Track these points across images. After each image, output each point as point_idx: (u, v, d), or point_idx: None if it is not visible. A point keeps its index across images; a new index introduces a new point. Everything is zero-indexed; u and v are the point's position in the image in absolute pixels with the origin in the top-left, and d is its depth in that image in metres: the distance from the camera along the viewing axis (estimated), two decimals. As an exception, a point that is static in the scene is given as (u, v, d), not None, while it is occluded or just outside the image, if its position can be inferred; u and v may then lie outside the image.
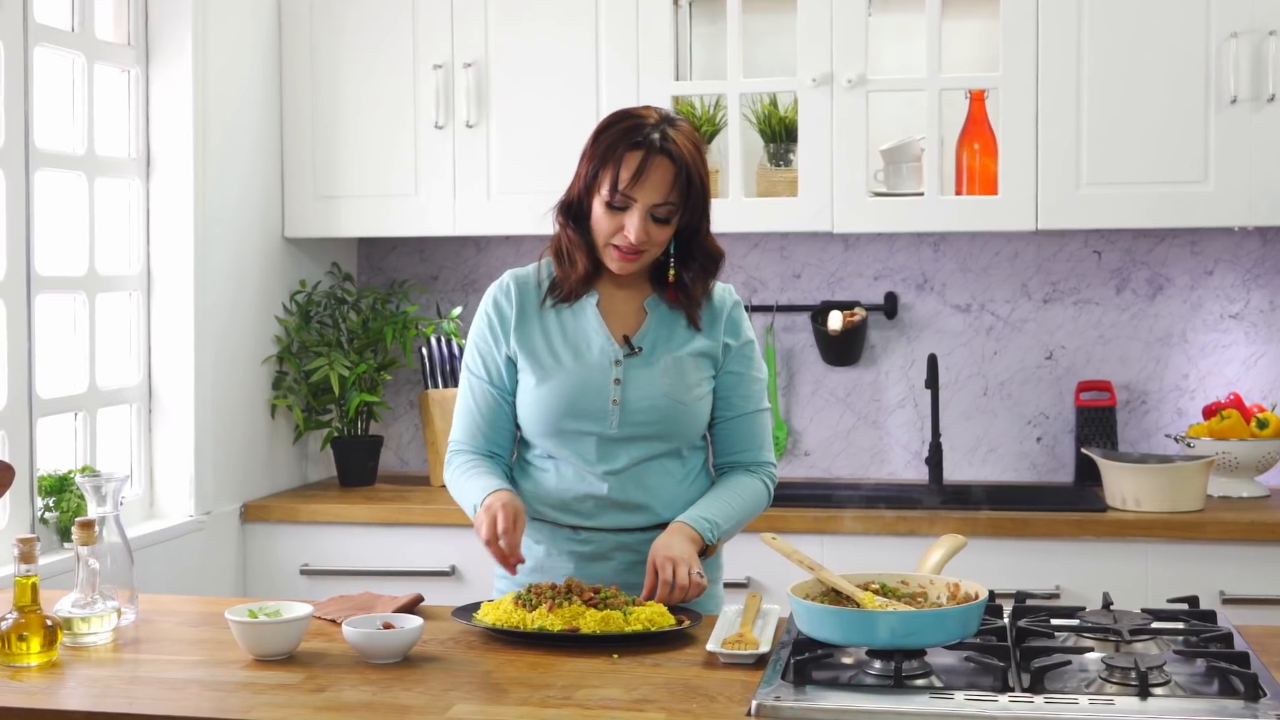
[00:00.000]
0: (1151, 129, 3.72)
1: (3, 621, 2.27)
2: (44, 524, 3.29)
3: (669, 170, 2.51)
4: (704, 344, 2.64)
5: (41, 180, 3.32)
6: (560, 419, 2.60)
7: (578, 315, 2.64)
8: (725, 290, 2.70)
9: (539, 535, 2.67)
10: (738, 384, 2.67)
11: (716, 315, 2.67)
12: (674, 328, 2.64)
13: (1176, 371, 4.12)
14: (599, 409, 2.58)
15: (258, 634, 2.26)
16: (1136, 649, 2.17)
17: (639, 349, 2.61)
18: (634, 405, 2.58)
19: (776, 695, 1.98)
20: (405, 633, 2.26)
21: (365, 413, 4.19)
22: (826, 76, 3.83)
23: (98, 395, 3.56)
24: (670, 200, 2.52)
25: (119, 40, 3.67)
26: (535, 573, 2.64)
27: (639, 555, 2.61)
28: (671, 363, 2.61)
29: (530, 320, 2.64)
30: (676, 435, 2.62)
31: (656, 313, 2.64)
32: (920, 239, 4.22)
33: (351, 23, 4.09)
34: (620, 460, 2.60)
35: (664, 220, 2.54)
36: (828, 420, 4.28)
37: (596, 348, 2.61)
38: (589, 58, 3.95)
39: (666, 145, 2.51)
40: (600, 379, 2.59)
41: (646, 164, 2.50)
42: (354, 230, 4.16)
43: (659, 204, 2.52)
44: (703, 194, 2.56)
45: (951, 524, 3.52)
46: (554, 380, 2.60)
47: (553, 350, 2.62)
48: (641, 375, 2.59)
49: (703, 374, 2.63)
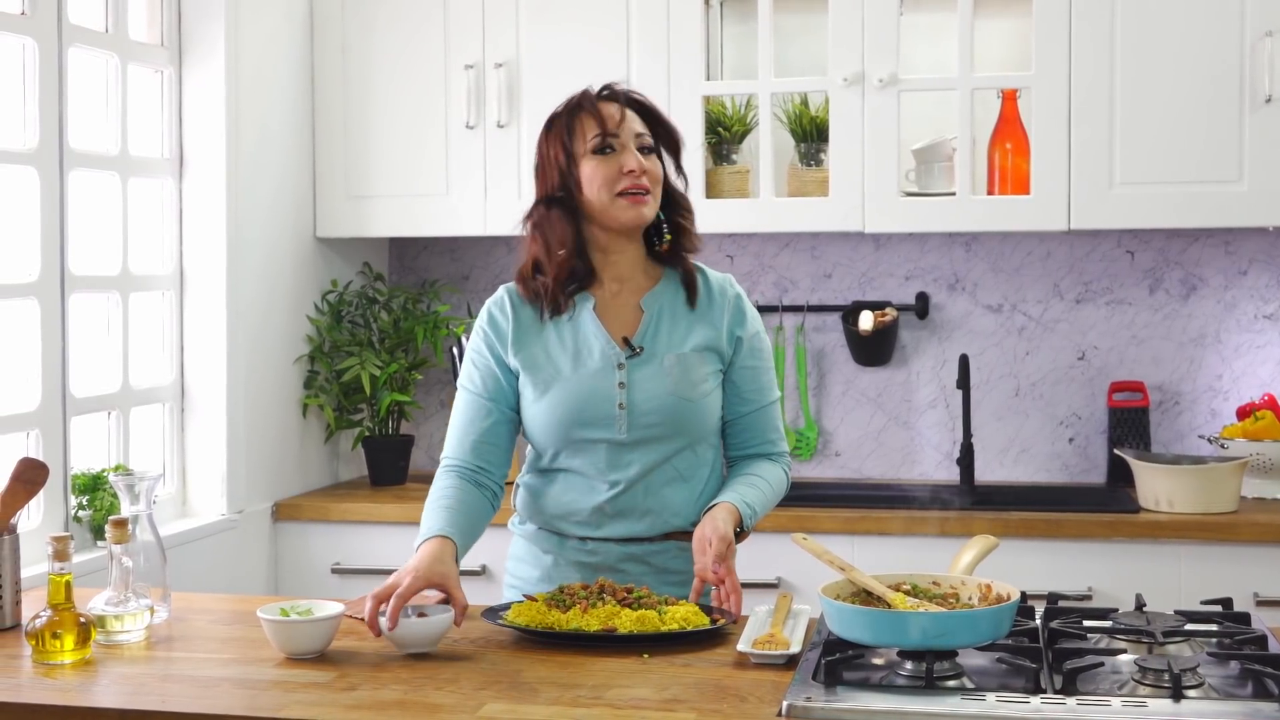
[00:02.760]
0: (1185, 128, 3.70)
1: (37, 619, 2.29)
2: (77, 522, 3.31)
3: (634, 111, 2.61)
4: (706, 336, 2.60)
5: (75, 180, 3.34)
6: (569, 429, 2.56)
7: (575, 322, 2.60)
8: (725, 279, 2.68)
9: (547, 545, 2.64)
10: (753, 378, 2.65)
11: (717, 303, 2.63)
12: (674, 324, 2.60)
13: (1210, 372, 4.09)
14: (606, 415, 2.55)
15: (290, 632, 2.27)
16: (1170, 651, 2.16)
17: (640, 349, 2.57)
18: (641, 407, 2.55)
19: (807, 696, 1.98)
20: (437, 621, 2.27)
21: (396, 412, 4.20)
22: (858, 76, 3.82)
23: (131, 394, 3.58)
24: (646, 133, 2.60)
25: (152, 41, 3.69)
26: (543, 583, 2.62)
27: (648, 566, 2.59)
28: (675, 360, 2.57)
29: (528, 332, 2.61)
30: (687, 434, 2.58)
31: (654, 310, 2.61)
32: (952, 239, 4.20)
33: (383, 23, 4.10)
34: (632, 468, 2.56)
35: (651, 151, 2.59)
36: (859, 420, 4.27)
37: (597, 352, 2.57)
38: (620, 58, 3.95)
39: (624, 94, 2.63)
40: (604, 384, 2.56)
41: (615, 109, 2.59)
42: (385, 230, 4.17)
43: (640, 133, 2.58)
44: (669, 129, 2.64)
45: (983, 525, 3.51)
46: (557, 390, 2.56)
47: (553, 360, 2.58)
48: (645, 376, 2.56)
49: (708, 368, 2.59)
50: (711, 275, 2.68)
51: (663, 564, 2.60)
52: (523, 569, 2.69)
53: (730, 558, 2.44)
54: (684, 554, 2.60)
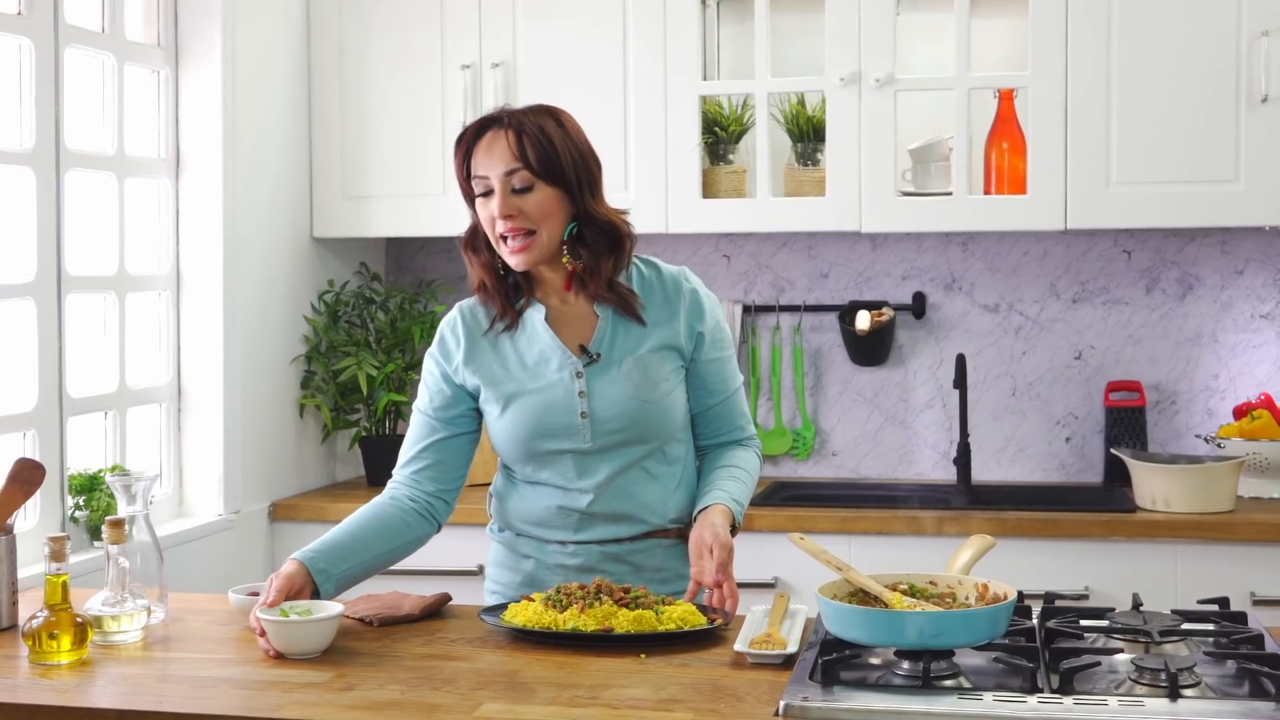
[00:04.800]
0: (1182, 128, 3.71)
1: (34, 620, 2.28)
2: (74, 523, 3.31)
3: (507, 137, 2.47)
4: (664, 335, 2.56)
5: (72, 180, 3.34)
6: (531, 441, 2.54)
7: (529, 334, 2.57)
8: (679, 272, 2.62)
9: (528, 550, 2.63)
10: (718, 370, 2.62)
11: (671, 299, 2.58)
12: (630, 327, 2.56)
13: (1207, 372, 4.09)
14: (569, 425, 2.52)
15: (290, 633, 2.27)
16: (1166, 650, 2.16)
17: (597, 355, 2.54)
18: (603, 415, 2.52)
19: (804, 696, 1.98)
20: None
21: (393, 412, 4.20)
22: (855, 76, 3.82)
23: (127, 395, 3.58)
24: (519, 165, 2.46)
25: (149, 41, 3.69)
26: (525, 587, 2.61)
27: (630, 565, 2.58)
28: (634, 364, 2.53)
29: (481, 349, 2.59)
30: (652, 436, 2.55)
31: (608, 315, 2.56)
32: (949, 238, 4.21)
33: (380, 23, 4.10)
34: (601, 473, 2.54)
35: (525, 189, 2.47)
36: (855, 420, 4.27)
37: (555, 363, 2.55)
38: (617, 58, 3.95)
39: (499, 118, 2.51)
40: (564, 395, 2.53)
41: (485, 141, 2.49)
42: (382, 230, 4.17)
43: (509, 170, 2.46)
44: (558, 155, 2.47)
45: (980, 524, 3.51)
46: (517, 405, 2.54)
47: (511, 374, 2.56)
48: (605, 382, 2.53)
49: (668, 367, 2.56)
50: (665, 270, 2.62)
51: (644, 562, 2.59)
52: (503, 574, 2.68)
53: (730, 563, 2.44)
54: (667, 550, 2.60)
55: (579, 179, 2.50)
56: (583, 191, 2.51)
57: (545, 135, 2.48)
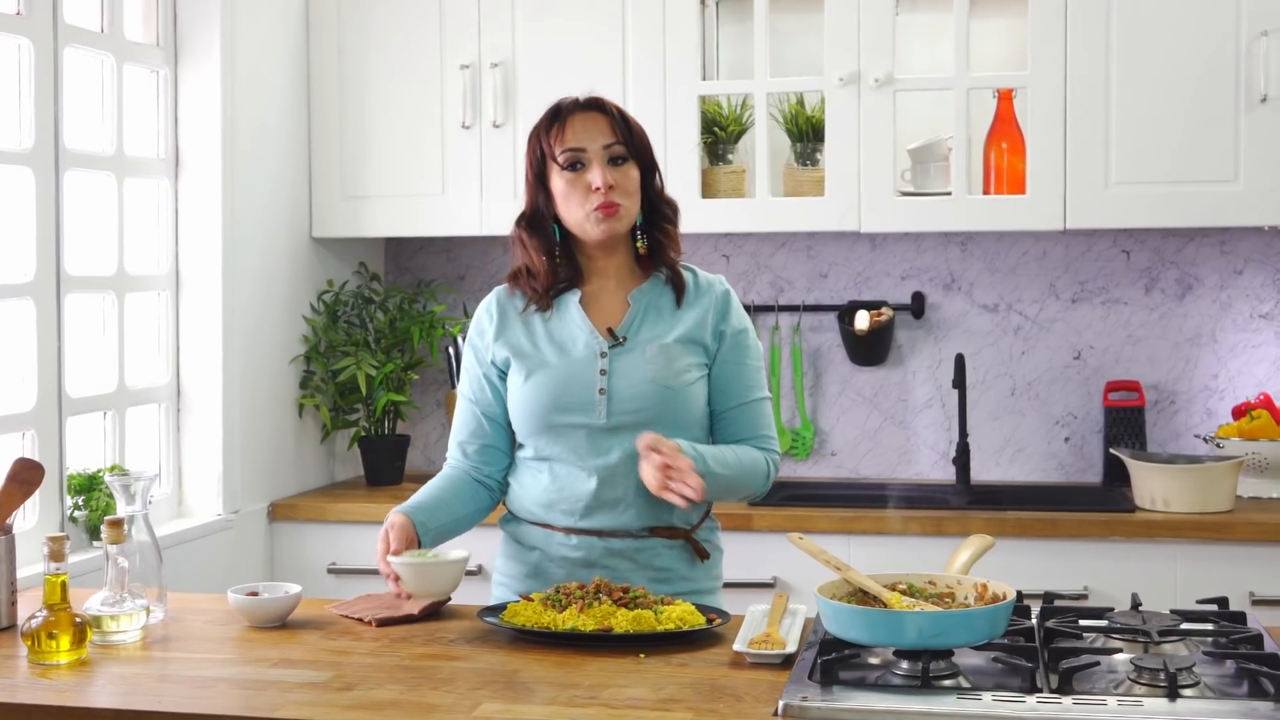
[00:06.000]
0: (1181, 128, 3.71)
1: (33, 620, 2.29)
2: (73, 522, 3.31)
3: (601, 118, 2.62)
4: (691, 328, 2.62)
5: (71, 180, 3.34)
6: (548, 413, 2.59)
7: (562, 314, 2.65)
8: (716, 279, 2.71)
9: (534, 540, 2.66)
10: (736, 374, 2.65)
11: (705, 297, 2.66)
12: (659, 316, 2.64)
13: (1206, 371, 4.10)
14: (586, 400, 2.58)
15: (429, 574, 2.44)
16: (1165, 650, 2.16)
17: (623, 339, 2.61)
18: (621, 394, 2.57)
19: (803, 695, 1.98)
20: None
21: (392, 412, 4.20)
22: (854, 76, 3.82)
23: (127, 394, 3.58)
24: (616, 140, 2.60)
25: (148, 41, 3.69)
26: (531, 578, 2.64)
27: (634, 563, 2.59)
28: (658, 350, 2.59)
29: (513, 326, 2.67)
30: (668, 422, 2.56)
31: (640, 304, 2.64)
32: (948, 238, 4.21)
33: (379, 23, 4.10)
34: (613, 453, 2.57)
35: (621, 160, 2.60)
36: (854, 420, 4.28)
37: (581, 342, 2.62)
38: (616, 58, 3.95)
39: (589, 101, 2.65)
40: (586, 371, 2.59)
41: (580, 118, 2.62)
42: (381, 230, 4.17)
43: (609, 144, 2.60)
44: (642, 137, 2.65)
45: (979, 524, 3.51)
46: (540, 375, 2.61)
47: (539, 349, 2.63)
48: (627, 364, 2.59)
49: (691, 359, 2.61)
50: (702, 274, 2.71)
51: (647, 560, 2.60)
52: (510, 565, 2.71)
53: (679, 458, 2.41)
54: (669, 551, 2.61)
55: (652, 164, 2.68)
56: (654, 175, 2.68)
57: (629, 118, 2.67)
